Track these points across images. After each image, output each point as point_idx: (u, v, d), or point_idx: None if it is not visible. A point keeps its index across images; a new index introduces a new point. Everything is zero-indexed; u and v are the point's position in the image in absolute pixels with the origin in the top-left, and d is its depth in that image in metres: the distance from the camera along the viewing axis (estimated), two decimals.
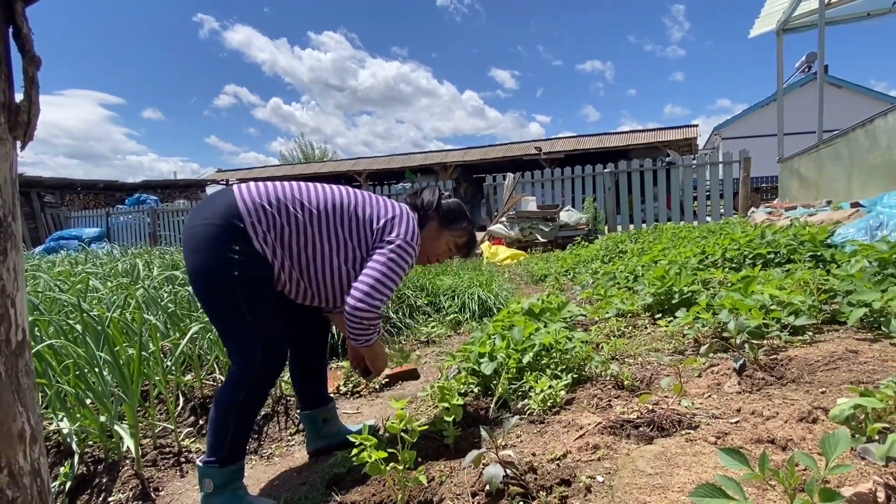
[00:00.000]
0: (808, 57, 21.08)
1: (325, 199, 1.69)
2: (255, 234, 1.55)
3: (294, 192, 1.65)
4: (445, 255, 1.98)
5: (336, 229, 1.68)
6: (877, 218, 3.26)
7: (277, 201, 1.61)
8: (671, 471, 1.25)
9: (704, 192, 9.14)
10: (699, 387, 1.78)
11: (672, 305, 2.83)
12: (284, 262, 1.62)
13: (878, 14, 8.22)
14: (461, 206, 1.96)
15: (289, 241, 1.61)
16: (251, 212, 1.56)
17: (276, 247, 1.59)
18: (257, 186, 1.64)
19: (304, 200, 1.65)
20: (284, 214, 1.60)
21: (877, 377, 1.58)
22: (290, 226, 1.61)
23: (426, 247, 1.91)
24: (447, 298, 4.07)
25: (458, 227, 1.93)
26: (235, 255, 1.52)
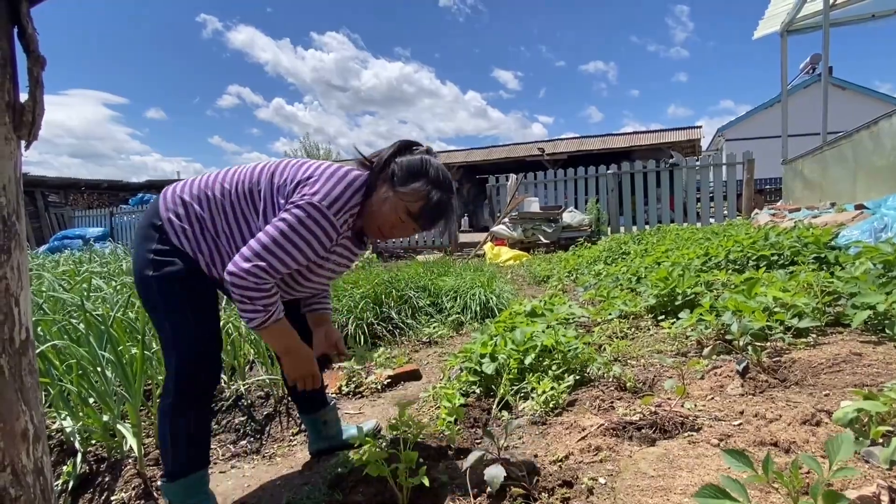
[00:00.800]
0: (813, 58, 21.01)
1: (243, 174, 1.51)
2: (173, 229, 1.45)
3: (217, 177, 1.53)
4: (400, 227, 1.53)
5: (253, 205, 1.48)
6: (881, 220, 3.25)
7: (198, 190, 1.50)
8: (674, 473, 1.24)
9: (708, 194, 9.10)
10: (702, 389, 1.77)
11: (675, 307, 2.82)
12: (212, 254, 1.48)
13: (883, 15, 8.18)
14: (423, 163, 1.49)
15: (212, 229, 1.47)
16: (169, 207, 1.48)
17: (198, 239, 1.47)
18: (185, 181, 1.55)
19: (223, 182, 1.51)
20: (203, 202, 1.48)
21: (881, 380, 1.57)
22: (209, 212, 1.48)
23: (373, 214, 1.50)
24: (449, 299, 4.07)
25: (409, 189, 1.46)
26: (152, 255, 1.44)
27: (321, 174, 1.46)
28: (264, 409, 2.46)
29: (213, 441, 2.27)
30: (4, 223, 0.58)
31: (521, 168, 15.20)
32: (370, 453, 1.37)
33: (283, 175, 1.48)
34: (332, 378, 2.78)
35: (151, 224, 1.48)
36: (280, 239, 1.38)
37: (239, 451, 2.16)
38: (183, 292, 1.47)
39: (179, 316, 1.47)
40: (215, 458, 2.12)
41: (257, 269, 1.36)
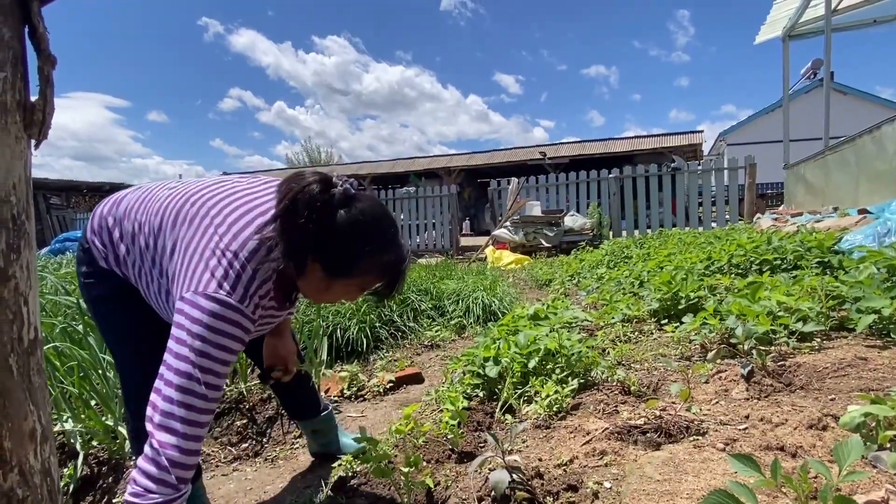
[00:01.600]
0: (814, 63, 21.05)
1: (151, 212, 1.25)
2: (99, 254, 1.30)
3: (138, 201, 1.30)
4: (358, 295, 1.27)
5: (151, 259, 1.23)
6: (885, 225, 3.24)
7: (122, 215, 1.30)
8: (679, 477, 1.24)
9: (710, 198, 9.10)
10: (706, 393, 1.76)
11: (678, 311, 2.81)
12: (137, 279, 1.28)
13: (884, 20, 8.20)
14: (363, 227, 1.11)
15: (132, 267, 1.27)
16: (95, 228, 1.33)
17: (121, 268, 1.30)
18: (116, 198, 1.37)
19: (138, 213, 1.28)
20: (123, 232, 1.28)
21: (887, 385, 1.56)
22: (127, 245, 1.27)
23: (314, 294, 1.22)
24: (451, 302, 4.06)
25: (355, 278, 1.18)
26: (83, 279, 1.34)
27: (188, 264, 1.10)
28: (266, 411, 2.45)
29: (215, 444, 2.26)
30: (14, 222, 0.58)
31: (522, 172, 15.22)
32: (374, 456, 1.36)
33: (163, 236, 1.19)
34: (333, 381, 2.77)
35: (81, 247, 1.36)
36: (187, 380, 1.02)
37: (241, 454, 2.16)
38: (116, 316, 1.34)
39: (116, 342, 1.37)
40: (217, 460, 2.11)
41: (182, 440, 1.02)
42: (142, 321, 1.33)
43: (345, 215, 1.09)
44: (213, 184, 1.30)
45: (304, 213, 1.05)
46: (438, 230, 11.46)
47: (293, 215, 1.06)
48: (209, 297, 1.04)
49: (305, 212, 1.05)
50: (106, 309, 1.34)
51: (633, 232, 9.34)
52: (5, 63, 0.57)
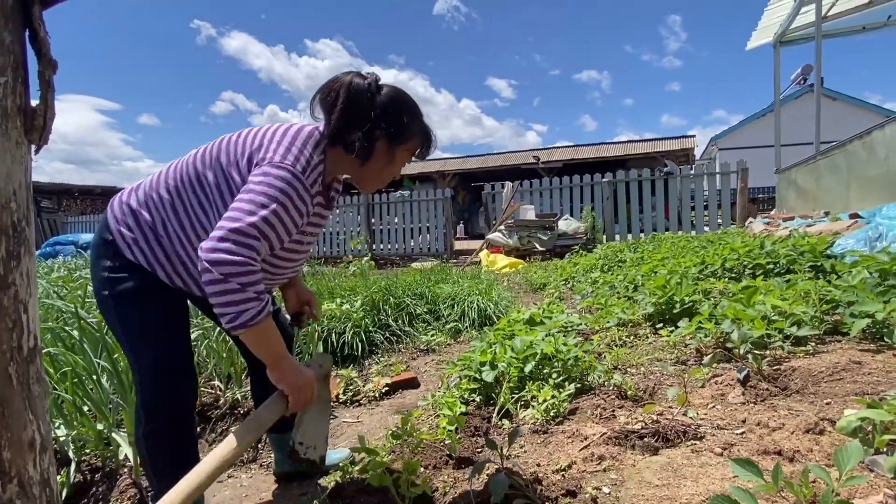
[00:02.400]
0: (804, 69, 21.26)
1: (185, 166, 1.36)
2: (125, 242, 1.33)
3: (161, 175, 1.39)
4: (406, 162, 1.46)
5: (204, 196, 1.33)
6: (876, 229, 3.28)
7: (144, 195, 1.37)
8: (678, 482, 1.24)
9: (702, 203, 9.16)
10: (703, 397, 1.77)
11: (673, 315, 2.82)
12: (172, 263, 1.35)
13: (873, 28, 8.31)
14: (401, 100, 1.35)
15: (165, 235, 1.33)
16: (118, 218, 1.36)
17: (154, 250, 1.33)
18: (132, 186, 1.43)
19: (167, 179, 1.37)
20: (151, 207, 1.35)
21: (882, 388, 1.57)
22: (158, 216, 1.34)
23: (379, 173, 1.41)
24: (447, 307, 4.06)
25: (411, 137, 1.39)
26: (106, 273, 1.34)
27: (272, 137, 1.31)
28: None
29: (209, 450, 2.24)
30: (14, 229, 0.57)
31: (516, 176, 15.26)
32: (371, 463, 1.36)
33: (231, 153, 1.32)
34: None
35: (102, 239, 1.37)
36: (253, 210, 1.18)
37: (236, 461, 2.14)
38: (141, 313, 1.35)
39: (140, 340, 1.36)
40: None
41: (238, 248, 1.14)
42: (169, 315, 1.39)
43: (385, 94, 1.32)
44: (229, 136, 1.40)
45: (362, 100, 1.29)
46: (433, 234, 11.45)
47: (354, 104, 1.29)
48: (278, 165, 1.24)
49: (363, 99, 1.29)
50: (132, 303, 1.35)
51: (626, 236, 9.39)
52: (6, 68, 0.57)
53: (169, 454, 1.41)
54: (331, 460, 1.81)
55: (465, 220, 21.07)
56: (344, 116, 1.29)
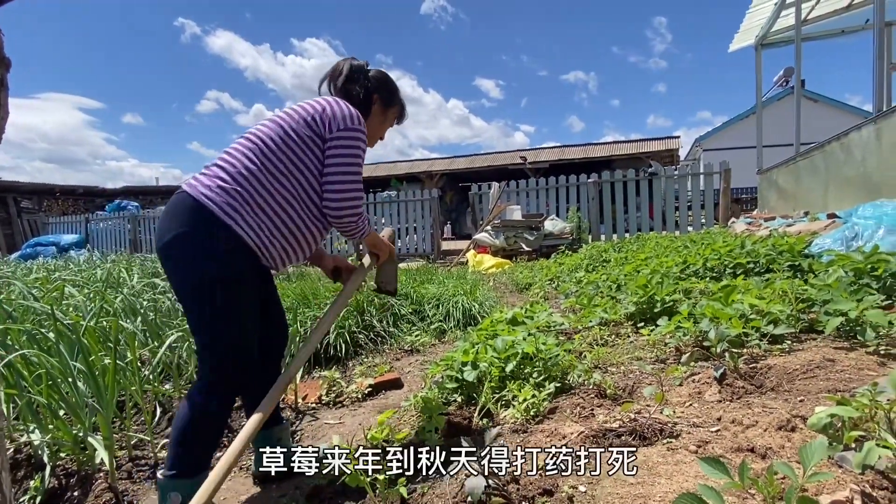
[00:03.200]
0: (786, 71, 21.54)
1: (266, 139, 1.59)
2: (232, 219, 1.48)
3: (241, 152, 1.57)
4: (391, 125, 1.97)
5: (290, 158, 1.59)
6: (852, 229, 3.33)
7: (234, 170, 1.53)
8: (653, 480, 1.25)
9: (686, 203, 9.26)
10: (680, 395, 1.79)
11: (654, 314, 2.85)
12: (272, 231, 1.56)
13: (851, 31, 8.46)
14: (387, 76, 1.89)
15: (263, 201, 1.54)
16: (216, 200, 1.48)
17: (256, 220, 1.52)
18: (207, 172, 1.56)
19: (250, 154, 1.56)
20: (243, 179, 1.52)
21: (853, 385, 1.60)
22: (253, 187, 1.53)
23: (374, 130, 1.88)
24: (431, 307, 4.06)
25: (396, 104, 1.91)
26: (215, 256, 1.47)
27: (339, 108, 1.66)
28: (241, 419, 2.41)
29: None
30: None
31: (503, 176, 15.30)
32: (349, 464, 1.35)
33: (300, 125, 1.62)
34: (311, 387, 2.75)
35: (208, 231, 1.48)
36: (350, 163, 1.62)
37: (214, 464, 2.11)
38: (243, 296, 1.55)
39: (224, 321, 1.52)
40: None
41: (353, 194, 1.63)
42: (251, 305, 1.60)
43: (375, 71, 1.86)
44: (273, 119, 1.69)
45: (360, 71, 1.82)
46: (420, 234, 11.44)
47: (357, 75, 1.81)
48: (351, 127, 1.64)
49: (362, 72, 1.82)
50: (236, 289, 1.53)
51: (611, 236, 9.45)
52: None
53: (218, 430, 1.60)
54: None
55: (453, 220, 21.08)
56: (349, 81, 1.79)
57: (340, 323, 3.39)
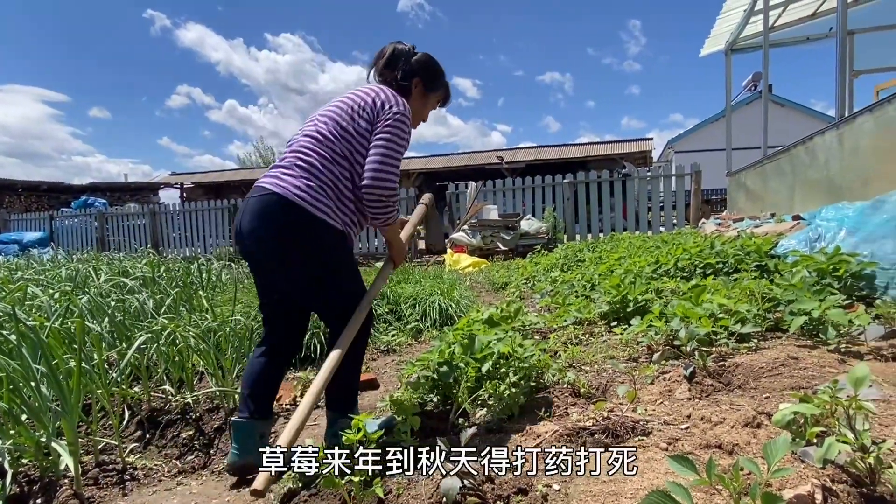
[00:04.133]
0: (755, 76, 22.20)
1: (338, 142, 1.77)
2: (325, 214, 1.71)
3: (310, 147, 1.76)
4: (430, 111, 2.08)
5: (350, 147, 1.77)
6: (816, 230, 3.45)
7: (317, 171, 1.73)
8: (625, 477, 1.27)
9: (658, 203, 9.45)
10: (652, 393, 1.82)
11: (627, 314, 2.90)
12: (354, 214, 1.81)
13: (816, 38, 8.75)
14: (433, 60, 1.96)
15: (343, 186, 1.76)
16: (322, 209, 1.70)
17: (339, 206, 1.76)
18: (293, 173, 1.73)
19: (317, 148, 1.75)
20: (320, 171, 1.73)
21: (815, 383, 1.66)
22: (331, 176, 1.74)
23: (415, 114, 1.96)
24: (408, 307, 4.05)
25: (439, 88, 2.01)
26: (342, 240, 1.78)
27: (387, 96, 1.80)
28: (213, 421, 2.37)
29: (158, 457, 2.17)
30: None
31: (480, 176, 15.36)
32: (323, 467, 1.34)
33: (353, 117, 1.77)
34: (285, 388, 2.71)
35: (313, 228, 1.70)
36: (394, 146, 1.74)
37: (185, 468, 2.08)
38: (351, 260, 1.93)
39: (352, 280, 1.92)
40: (160, 474, 2.03)
41: (391, 176, 1.72)
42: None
43: (421, 54, 1.93)
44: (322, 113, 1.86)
45: (404, 56, 1.90)
46: None
47: (398, 59, 1.89)
48: (403, 114, 1.78)
49: (404, 56, 1.90)
50: (349, 256, 1.87)
51: (586, 236, 9.58)
52: None
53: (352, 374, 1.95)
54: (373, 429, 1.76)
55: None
56: (387, 67, 1.90)
57: (315, 323, 3.36)
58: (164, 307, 3.34)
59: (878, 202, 3.13)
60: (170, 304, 3.34)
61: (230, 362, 2.51)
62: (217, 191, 22.81)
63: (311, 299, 1.89)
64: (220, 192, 22.43)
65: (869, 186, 4.00)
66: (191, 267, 5.22)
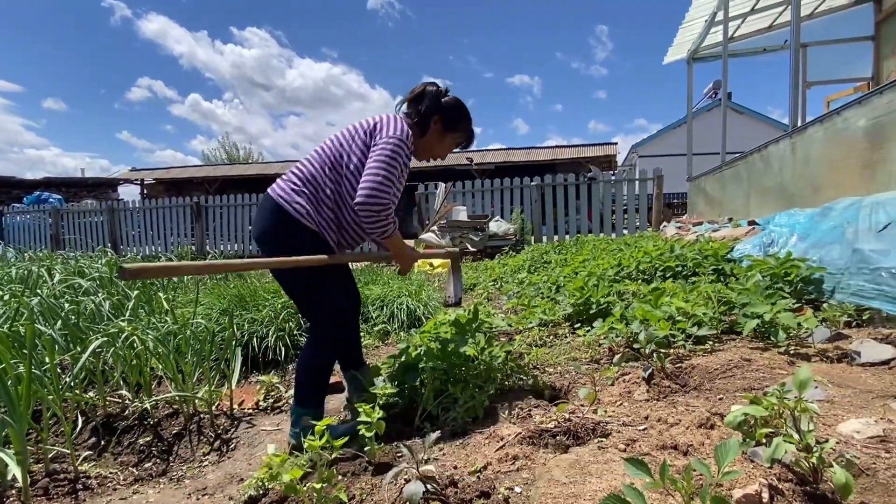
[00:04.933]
0: (715, 84, 22.92)
1: (330, 153, 1.94)
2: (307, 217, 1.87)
3: (316, 163, 1.94)
4: (449, 151, 2.17)
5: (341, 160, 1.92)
6: (769, 236, 3.59)
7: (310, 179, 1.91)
8: (584, 479, 1.30)
9: (622, 207, 9.67)
10: (612, 395, 1.87)
11: (590, 316, 2.96)
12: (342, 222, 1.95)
13: (772, 49, 9.12)
14: (460, 105, 2.08)
15: (342, 202, 1.92)
16: (293, 203, 1.86)
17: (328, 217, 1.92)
18: (288, 177, 1.93)
19: (325, 165, 1.93)
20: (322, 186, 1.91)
21: (766, 384, 1.73)
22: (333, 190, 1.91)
23: (430, 148, 2.10)
24: (375, 308, 4.03)
25: (460, 130, 2.10)
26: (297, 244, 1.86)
27: (382, 120, 1.95)
28: (172, 427, 2.31)
29: (114, 464, 2.11)
30: None
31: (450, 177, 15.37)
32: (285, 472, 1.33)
33: (366, 134, 1.93)
34: (248, 393, 2.67)
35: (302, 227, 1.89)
36: (385, 166, 1.83)
37: (142, 475, 2.02)
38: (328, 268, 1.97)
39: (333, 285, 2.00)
40: (115, 483, 1.96)
41: (383, 193, 1.82)
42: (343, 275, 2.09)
43: (450, 97, 2.07)
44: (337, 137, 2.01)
45: (429, 95, 2.03)
46: None
47: (423, 97, 2.03)
48: (396, 137, 1.89)
49: (430, 95, 2.03)
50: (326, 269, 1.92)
51: (553, 237, 9.72)
52: None
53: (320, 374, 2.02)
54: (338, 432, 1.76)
55: (399, 219, 20.97)
56: (411, 103, 2.05)
57: (280, 325, 3.31)
58: (122, 309, 3.24)
59: (827, 209, 3.28)
60: (128, 306, 3.24)
61: (191, 366, 2.45)
62: (179, 187, 22.18)
63: (289, 293, 2.07)
64: (182, 188, 21.80)
65: (819, 194, 4.19)
66: None
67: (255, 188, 16.89)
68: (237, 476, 1.91)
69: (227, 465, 2.05)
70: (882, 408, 1.52)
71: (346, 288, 2.08)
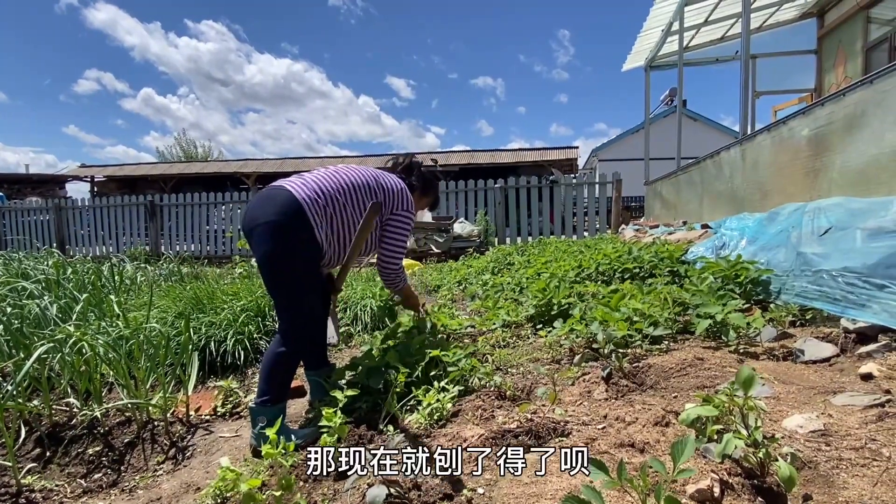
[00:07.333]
0: (671, 91, 23.68)
1: (350, 185, 2.12)
2: (316, 224, 1.99)
3: (333, 184, 2.08)
4: (425, 206, 2.61)
5: (361, 209, 2.12)
6: (721, 239, 3.74)
7: (326, 194, 2.04)
8: (546, 478, 1.32)
9: (583, 209, 9.88)
10: (572, 395, 1.91)
11: (552, 316, 3.01)
12: (332, 242, 2.08)
13: (724, 60, 9.52)
14: (434, 175, 2.56)
15: (338, 227, 2.08)
16: (311, 208, 1.98)
17: (328, 233, 2.05)
18: (307, 183, 2.05)
19: (339, 191, 2.08)
20: (332, 205, 2.05)
21: (717, 382, 1.80)
22: (336, 214, 2.07)
23: (418, 203, 2.45)
24: (339, 310, 3.98)
25: (433, 195, 2.58)
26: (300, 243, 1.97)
27: (399, 190, 2.24)
28: (124, 436, 2.23)
29: (60, 476, 2.01)
30: None
31: None
32: (240, 479, 1.30)
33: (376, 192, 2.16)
34: (205, 398, 2.59)
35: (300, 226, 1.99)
36: (401, 240, 2.26)
37: (91, 487, 1.94)
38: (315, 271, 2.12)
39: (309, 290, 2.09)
40: (61, 496, 1.87)
41: (399, 260, 2.31)
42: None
43: (426, 171, 2.50)
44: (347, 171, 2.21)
45: (416, 167, 2.47)
46: None
47: (412, 169, 2.45)
48: (408, 211, 2.26)
49: (416, 167, 2.47)
50: (314, 266, 2.06)
51: (516, 239, 9.84)
52: None
53: (286, 372, 2.06)
54: (300, 436, 1.87)
55: None
56: (405, 170, 2.44)
57: (239, 329, 3.23)
58: (70, 313, 3.09)
59: (773, 214, 3.45)
60: (76, 310, 3.10)
61: (144, 372, 2.36)
62: (132, 185, 21.34)
63: (271, 283, 2.10)
64: (135, 186, 20.99)
65: (767, 199, 4.39)
66: (101, 268, 4.85)
67: (213, 186, 16.43)
68: (193, 485, 1.86)
69: (183, 473, 1.99)
70: (823, 403, 1.60)
71: (322, 291, 2.21)
